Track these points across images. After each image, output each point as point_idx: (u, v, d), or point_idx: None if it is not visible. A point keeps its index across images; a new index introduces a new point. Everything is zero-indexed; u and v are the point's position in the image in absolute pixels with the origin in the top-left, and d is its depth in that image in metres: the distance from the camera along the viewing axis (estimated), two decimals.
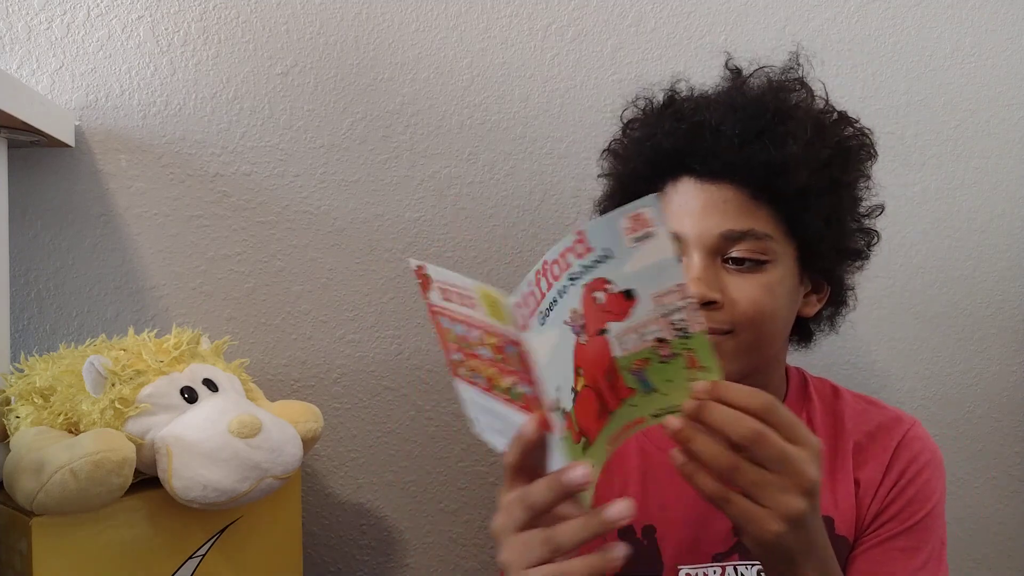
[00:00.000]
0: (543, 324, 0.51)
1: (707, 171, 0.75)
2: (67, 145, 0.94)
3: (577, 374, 0.54)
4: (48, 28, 0.96)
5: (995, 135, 1.21)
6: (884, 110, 1.18)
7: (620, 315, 0.54)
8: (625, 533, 0.80)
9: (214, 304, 1.01)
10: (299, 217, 1.03)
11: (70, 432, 0.75)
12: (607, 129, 0.90)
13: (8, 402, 0.80)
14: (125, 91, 0.98)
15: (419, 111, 1.06)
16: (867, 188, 0.82)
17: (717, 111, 0.76)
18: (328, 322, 1.05)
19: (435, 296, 0.57)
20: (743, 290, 0.73)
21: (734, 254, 0.74)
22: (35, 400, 0.77)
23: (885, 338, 1.20)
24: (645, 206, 0.50)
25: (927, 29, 1.18)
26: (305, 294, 1.04)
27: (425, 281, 0.57)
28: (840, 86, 1.14)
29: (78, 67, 0.97)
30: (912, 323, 1.21)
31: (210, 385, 0.82)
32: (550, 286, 0.52)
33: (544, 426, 0.53)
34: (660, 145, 0.77)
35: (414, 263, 0.58)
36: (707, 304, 0.72)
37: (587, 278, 0.52)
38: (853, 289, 0.85)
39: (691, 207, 0.75)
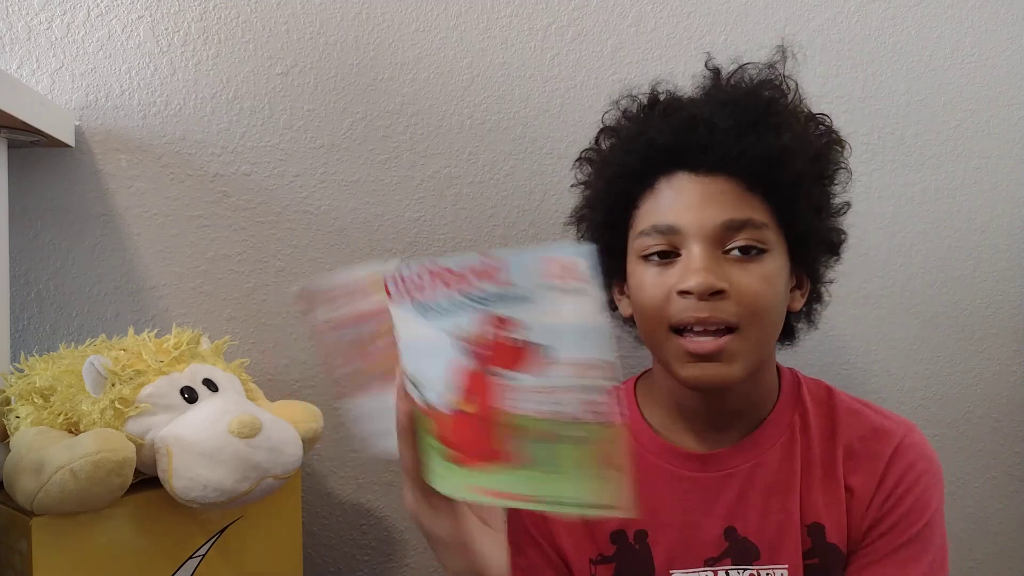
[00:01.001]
0: (423, 316, 0.51)
1: (702, 164, 0.75)
2: (67, 145, 0.94)
3: (465, 398, 0.50)
4: (48, 28, 0.96)
5: (995, 135, 1.21)
6: (884, 110, 1.18)
7: (524, 366, 0.47)
8: (617, 537, 0.80)
9: (214, 304, 1.01)
10: (299, 217, 1.03)
11: (70, 432, 0.75)
12: None
13: (8, 402, 0.80)
14: (125, 91, 0.98)
15: (419, 111, 1.06)
16: (841, 184, 0.83)
17: (708, 106, 0.77)
18: None
19: (324, 312, 0.57)
20: (745, 280, 0.73)
21: (735, 244, 0.74)
22: (35, 400, 0.77)
23: (885, 338, 1.20)
24: (579, 256, 0.44)
25: (927, 29, 1.18)
26: None
27: (310, 302, 0.57)
28: (840, 86, 1.16)
29: (78, 67, 0.97)
30: (912, 323, 1.21)
31: (210, 385, 0.82)
32: (438, 290, 0.50)
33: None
34: (654, 141, 0.77)
35: (295, 291, 0.58)
36: (715, 294, 0.72)
37: (494, 309, 0.47)
38: (831, 283, 0.86)
39: (689, 200, 0.75)
